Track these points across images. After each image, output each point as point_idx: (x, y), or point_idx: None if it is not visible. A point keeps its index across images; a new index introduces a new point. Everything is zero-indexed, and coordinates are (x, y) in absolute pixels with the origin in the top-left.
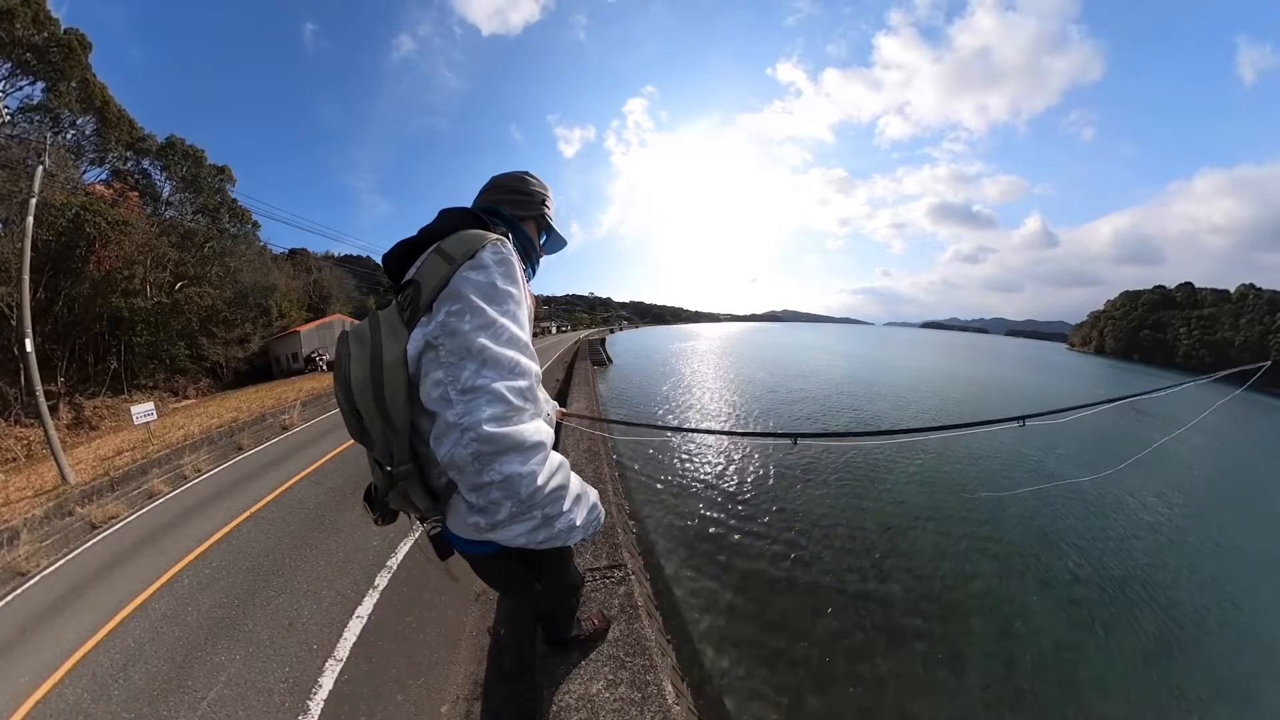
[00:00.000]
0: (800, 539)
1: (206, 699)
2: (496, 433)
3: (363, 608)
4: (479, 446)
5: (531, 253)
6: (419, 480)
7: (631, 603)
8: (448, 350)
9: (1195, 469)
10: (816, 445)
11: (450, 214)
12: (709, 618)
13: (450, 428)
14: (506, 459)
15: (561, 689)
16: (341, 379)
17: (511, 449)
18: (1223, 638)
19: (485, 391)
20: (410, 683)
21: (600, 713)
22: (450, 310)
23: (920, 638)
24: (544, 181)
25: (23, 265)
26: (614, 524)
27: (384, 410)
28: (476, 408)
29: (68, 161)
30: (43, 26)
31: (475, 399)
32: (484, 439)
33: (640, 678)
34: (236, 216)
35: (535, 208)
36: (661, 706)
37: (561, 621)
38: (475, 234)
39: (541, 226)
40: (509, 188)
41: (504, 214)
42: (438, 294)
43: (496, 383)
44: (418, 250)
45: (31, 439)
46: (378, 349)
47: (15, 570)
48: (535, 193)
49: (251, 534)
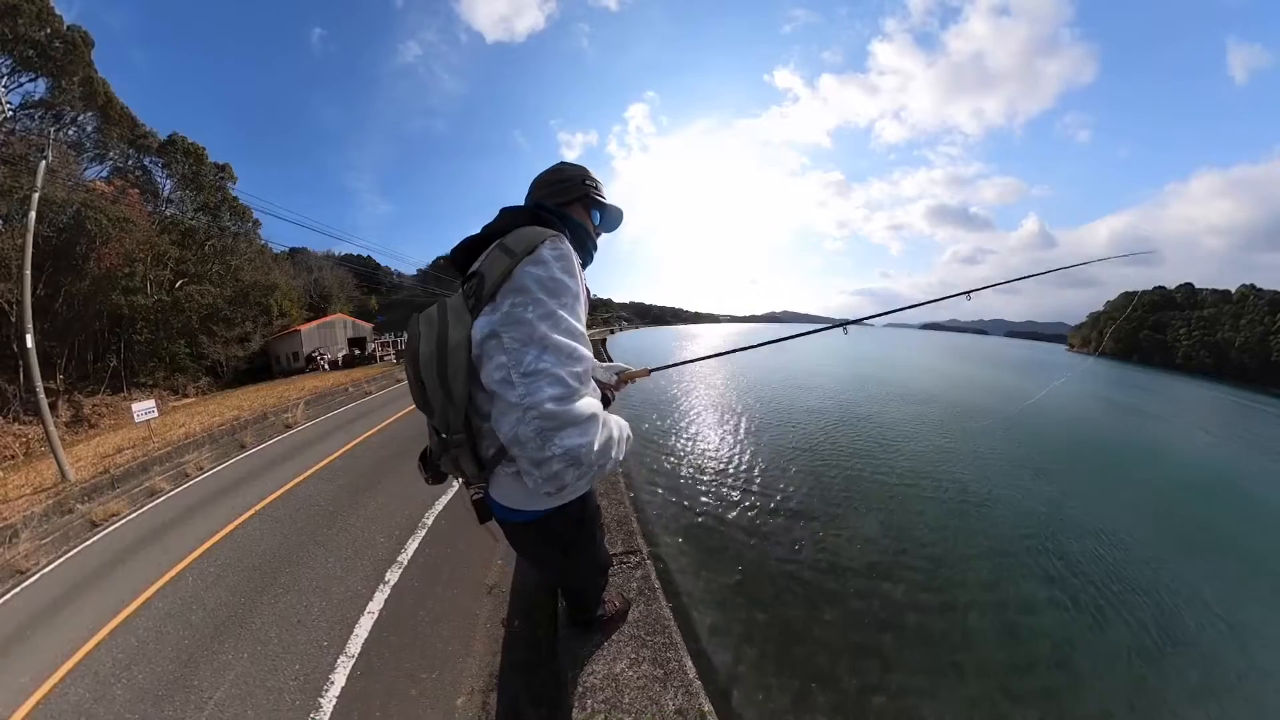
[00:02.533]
0: (802, 534)
1: (214, 698)
2: (557, 410)
3: (374, 603)
4: (541, 423)
5: (586, 238)
6: (469, 449)
7: (650, 585)
8: (511, 338)
9: (1203, 468)
10: (821, 443)
11: (510, 212)
12: (714, 612)
13: (512, 407)
14: (567, 434)
15: (586, 669)
16: (410, 354)
17: (571, 424)
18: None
19: (546, 375)
20: (424, 677)
21: (625, 691)
22: (515, 302)
23: (925, 629)
24: (579, 164)
25: (24, 261)
26: (628, 513)
27: (445, 384)
28: (538, 389)
29: (69, 158)
30: (45, 23)
31: (536, 381)
32: (546, 416)
33: (662, 655)
34: (237, 214)
35: (577, 189)
36: (684, 681)
37: (590, 599)
38: (534, 230)
39: (590, 205)
40: (547, 181)
41: (550, 207)
42: (500, 285)
43: (556, 368)
44: (481, 246)
45: (30, 436)
46: (444, 331)
47: (14, 568)
48: (571, 176)
49: (258, 531)
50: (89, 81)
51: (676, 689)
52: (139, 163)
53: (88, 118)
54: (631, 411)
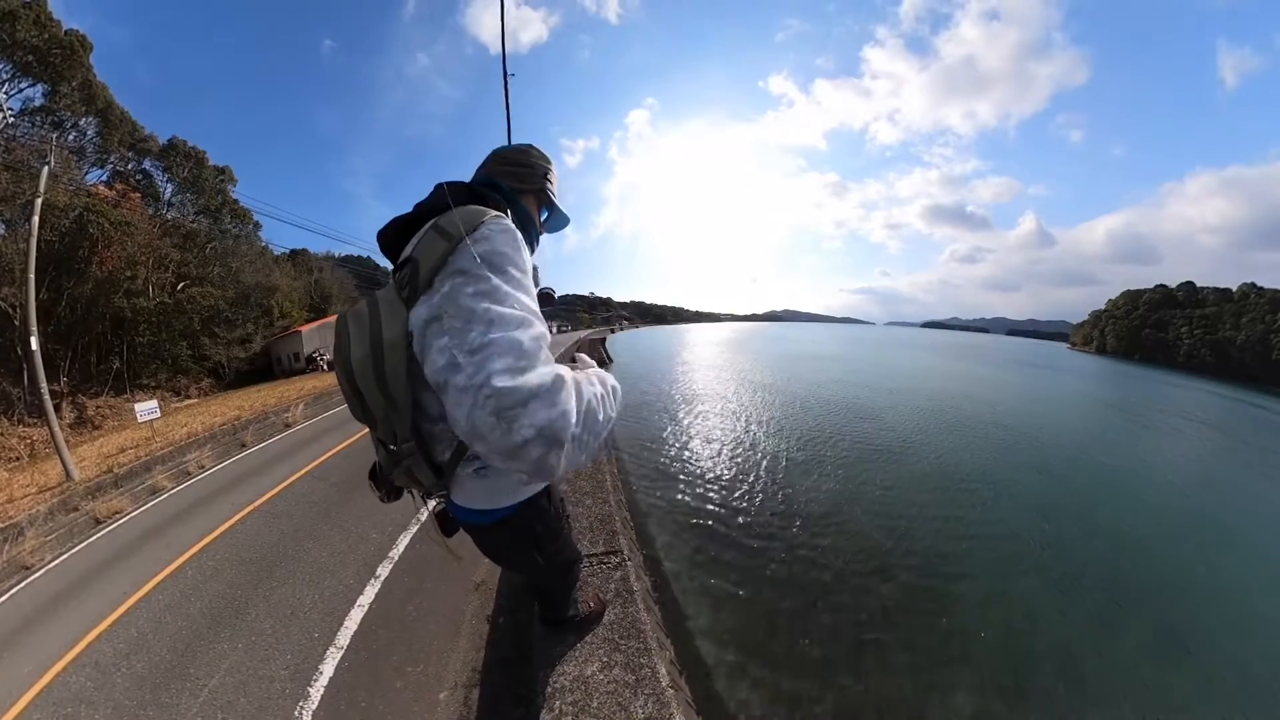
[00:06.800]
0: (800, 534)
1: (208, 686)
2: (511, 385)
3: (364, 597)
4: (497, 403)
5: (531, 229)
6: (423, 457)
7: (627, 587)
8: (452, 316)
9: (1213, 467)
10: (822, 444)
11: (448, 188)
12: (708, 612)
13: (463, 392)
14: (531, 409)
15: (557, 670)
16: (342, 360)
17: (532, 396)
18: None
19: (494, 345)
20: (409, 670)
21: (594, 694)
22: (455, 282)
23: (921, 632)
24: (547, 155)
25: (28, 265)
26: (610, 511)
27: (385, 389)
28: (487, 361)
29: (71, 163)
30: (44, 28)
31: (484, 354)
32: (501, 393)
33: (635, 660)
34: (238, 217)
35: (537, 180)
36: (656, 689)
37: (558, 599)
38: (474, 209)
39: (542, 201)
40: (511, 160)
41: (504, 187)
42: (437, 271)
43: (506, 334)
44: (414, 227)
45: (35, 438)
46: (377, 328)
47: (20, 564)
48: (538, 165)
49: (255, 527)
50: (88, 86)
51: (647, 696)
52: (140, 166)
53: (88, 122)
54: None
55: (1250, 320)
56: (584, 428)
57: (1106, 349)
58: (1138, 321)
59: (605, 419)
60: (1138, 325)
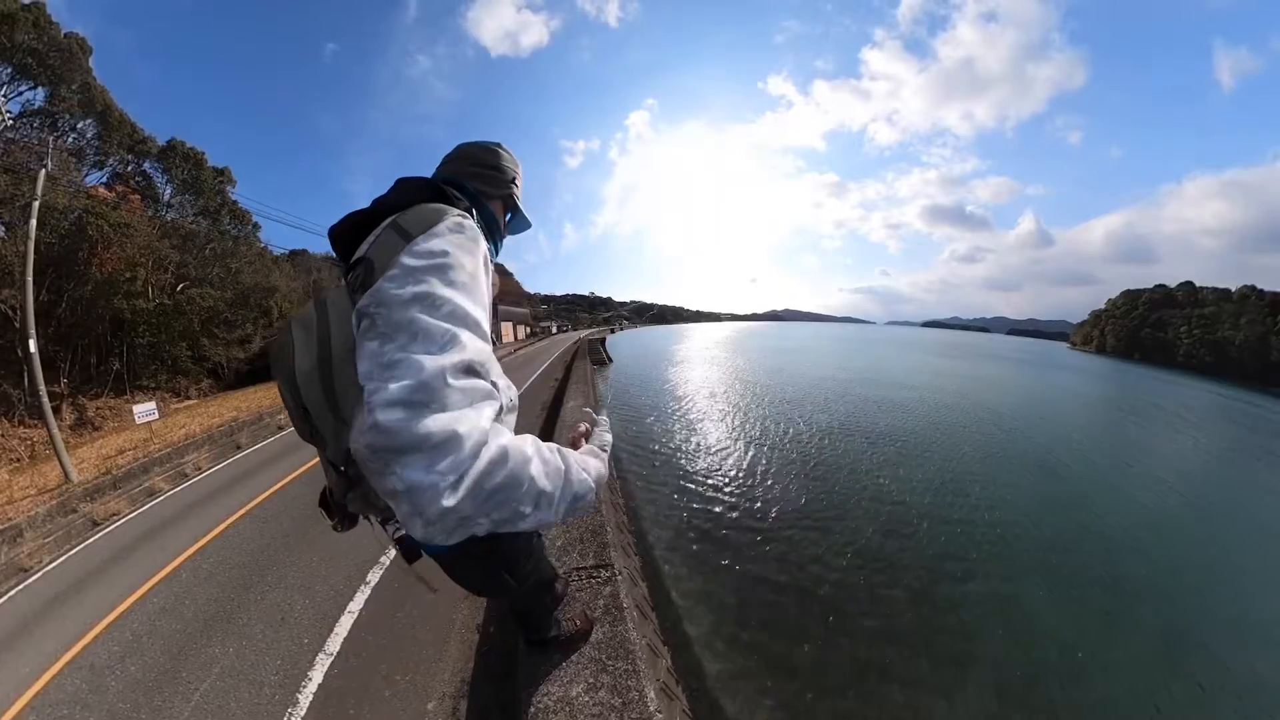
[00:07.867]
0: (802, 540)
1: (200, 690)
2: (394, 424)
3: (354, 603)
4: (373, 438)
5: (495, 232)
6: None
7: (617, 604)
8: (383, 319)
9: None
10: (823, 444)
11: (408, 184)
12: (708, 619)
13: (363, 410)
14: (407, 461)
15: (541, 690)
16: (285, 373)
17: (413, 447)
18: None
19: (400, 366)
20: (398, 679)
21: (578, 717)
22: (390, 275)
23: (923, 638)
24: (515, 157)
25: (26, 268)
26: (603, 523)
27: (334, 405)
28: (389, 383)
29: (70, 165)
30: (43, 31)
31: (390, 373)
32: (380, 429)
33: (622, 683)
34: (237, 218)
35: (505, 186)
36: (643, 713)
37: (538, 620)
38: (437, 208)
39: (507, 205)
40: (479, 160)
41: (469, 188)
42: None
43: (419, 355)
44: (371, 224)
45: (35, 439)
46: (325, 335)
47: (18, 566)
48: (507, 169)
49: (249, 530)
50: (87, 88)
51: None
52: (139, 168)
53: (87, 124)
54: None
55: (1250, 322)
56: (479, 508)
57: (1106, 348)
58: (1137, 321)
59: (532, 519)
60: (1137, 325)
